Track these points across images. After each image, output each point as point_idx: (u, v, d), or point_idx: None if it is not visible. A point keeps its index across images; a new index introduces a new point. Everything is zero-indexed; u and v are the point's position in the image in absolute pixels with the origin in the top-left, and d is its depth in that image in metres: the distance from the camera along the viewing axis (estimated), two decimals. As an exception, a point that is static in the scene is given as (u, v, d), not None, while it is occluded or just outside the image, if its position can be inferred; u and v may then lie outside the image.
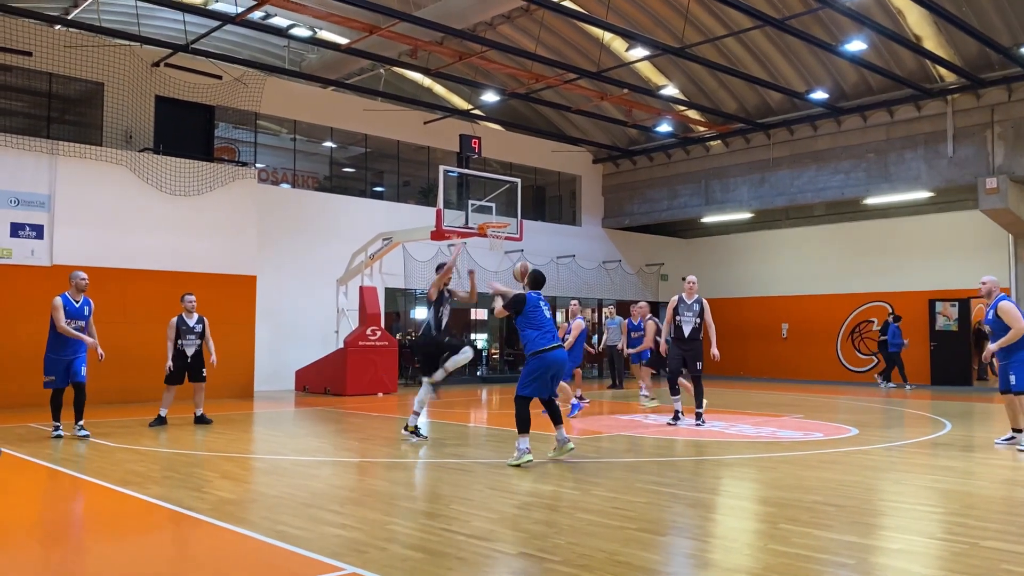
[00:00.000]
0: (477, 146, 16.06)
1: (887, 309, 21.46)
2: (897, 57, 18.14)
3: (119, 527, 5.57)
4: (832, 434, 10.27)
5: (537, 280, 8.20)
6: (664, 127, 21.77)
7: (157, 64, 16.58)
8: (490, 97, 19.78)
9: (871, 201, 20.77)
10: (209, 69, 17.05)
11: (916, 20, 16.72)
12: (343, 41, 18.13)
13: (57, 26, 16.15)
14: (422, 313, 23.52)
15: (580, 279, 23.25)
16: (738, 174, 22.49)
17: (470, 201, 15.76)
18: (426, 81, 22.28)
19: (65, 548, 5.14)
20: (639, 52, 18.58)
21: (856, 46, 16.48)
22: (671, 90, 20.56)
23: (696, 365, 10.86)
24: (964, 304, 20.04)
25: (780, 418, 12.11)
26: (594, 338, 19.61)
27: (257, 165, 18.42)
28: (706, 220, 24.58)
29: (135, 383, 14.18)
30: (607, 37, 18.65)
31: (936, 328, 20.38)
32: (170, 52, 16.19)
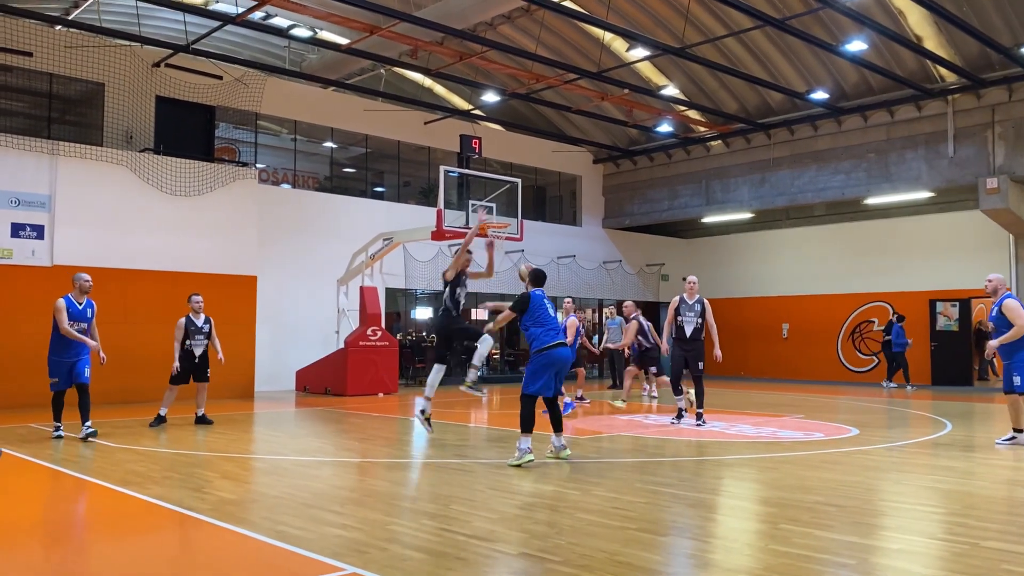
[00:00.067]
0: (477, 146, 16.07)
1: (888, 309, 21.46)
2: (898, 57, 18.14)
3: (119, 527, 5.57)
4: (833, 434, 10.27)
5: (539, 278, 8.24)
6: (664, 127, 21.77)
7: (158, 64, 16.58)
8: (490, 97, 19.78)
9: (872, 201, 20.76)
10: (210, 69, 17.05)
11: (917, 20, 16.72)
12: (343, 41, 18.13)
13: (58, 26, 16.15)
14: (423, 313, 23.54)
15: (580, 279, 23.25)
16: (739, 174, 22.49)
17: (471, 201, 15.77)
18: (426, 81, 22.28)
19: (66, 548, 5.14)
20: (639, 52, 18.59)
21: (857, 46, 16.48)
22: (671, 90, 20.56)
23: (698, 365, 10.87)
24: (965, 304, 20.04)
25: (781, 418, 12.10)
26: (594, 338, 19.61)
27: (258, 165, 18.43)
28: (707, 220, 24.58)
29: (135, 383, 14.20)
30: (607, 37, 18.65)
31: (937, 328, 20.37)
32: (171, 52, 16.20)
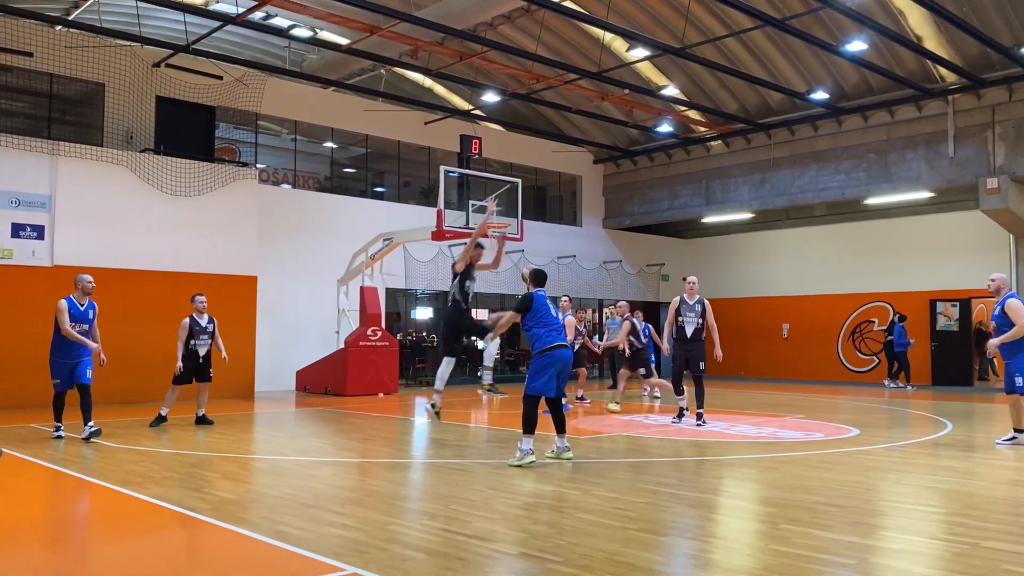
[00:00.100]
0: (478, 146, 16.06)
1: (888, 309, 21.47)
2: (898, 57, 18.14)
3: (120, 527, 5.57)
4: (833, 434, 10.27)
5: (540, 277, 8.23)
6: (665, 127, 21.77)
7: (158, 64, 16.58)
8: (491, 97, 19.77)
9: (872, 201, 20.76)
10: (210, 69, 17.05)
11: (917, 20, 16.72)
12: (344, 41, 18.13)
13: (58, 27, 16.15)
14: (423, 313, 23.55)
15: (581, 279, 23.25)
16: (739, 174, 22.49)
17: (471, 201, 15.76)
18: (427, 81, 22.29)
19: (66, 548, 5.14)
20: (640, 52, 18.59)
21: (857, 46, 16.47)
22: (672, 90, 20.55)
23: (699, 365, 10.88)
24: (965, 304, 20.04)
25: (781, 418, 12.10)
26: (595, 338, 19.61)
27: (258, 165, 18.43)
28: (707, 220, 24.59)
29: (136, 383, 14.21)
30: (608, 37, 18.65)
31: (937, 328, 20.37)
32: (171, 53, 16.20)
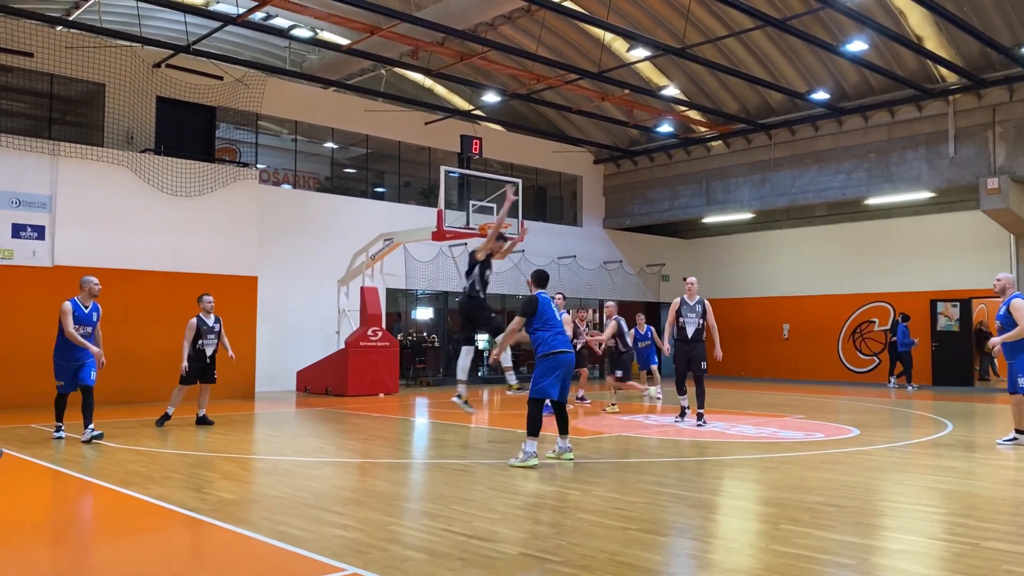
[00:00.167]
0: (478, 147, 16.06)
1: (888, 309, 21.47)
2: (898, 57, 18.14)
3: (120, 528, 5.57)
4: (833, 434, 10.27)
5: (541, 279, 8.21)
6: (665, 127, 21.77)
7: (158, 65, 16.59)
8: (491, 98, 19.77)
9: (872, 201, 20.75)
10: (210, 70, 17.05)
11: (917, 20, 16.72)
12: (344, 42, 18.13)
13: (58, 27, 16.16)
14: (424, 314, 23.53)
15: (581, 280, 23.25)
16: (739, 174, 22.48)
17: (471, 202, 15.77)
18: (427, 82, 22.28)
19: (66, 549, 5.15)
20: (640, 52, 18.58)
21: (857, 46, 16.46)
22: (672, 90, 20.55)
23: (700, 365, 10.92)
24: (965, 304, 20.03)
25: (781, 418, 12.10)
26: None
27: (258, 166, 18.42)
28: (707, 220, 24.58)
29: (136, 383, 14.22)
30: (608, 37, 18.64)
31: (937, 328, 20.36)
32: (171, 53, 16.20)
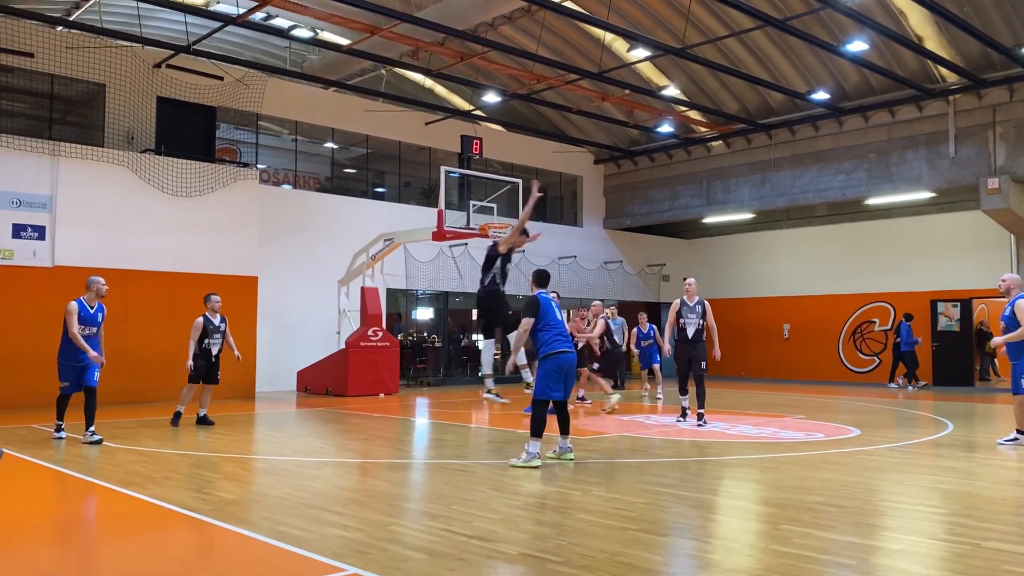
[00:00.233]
0: (478, 147, 16.06)
1: (889, 309, 21.46)
2: (899, 57, 18.13)
3: (120, 528, 5.57)
4: (834, 435, 10.27)
5: (542, 278, 8.18)
6: (665, 127, 21.76)
7: (159, 65, 16.59)
8: (491, 98, 19.77)
9: (873, 201, 20.75)
10: (211, 70, 17.05)
11: (917, 20, 16.71)
12: (344, 42, 18.13)
13: (59, 27, 16.16)
14: (424, 314, 23.55)
15: (582, 280, 23.24)
16: (739, 174, 22.47)
17: (471, 202, 15.76)
18: (427, 82, 22.28)
19: (67, 549, 5.14)
20: (640, 53, 18.58)
21: (857, 46, 16.46)
22: (672, 91, 20.55)
23: (700, 365, 10.94)
24: (966, 304, 20.02)
25: (782, 418, 12.10)
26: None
27: (258, 166, 18.42)
28: (707, 221, 24.57)
29: (136, 384, 14.22)
30: (608, 38, 18.64)
31: (938, 328, 20.36)
32: (172, 53, 16.20)
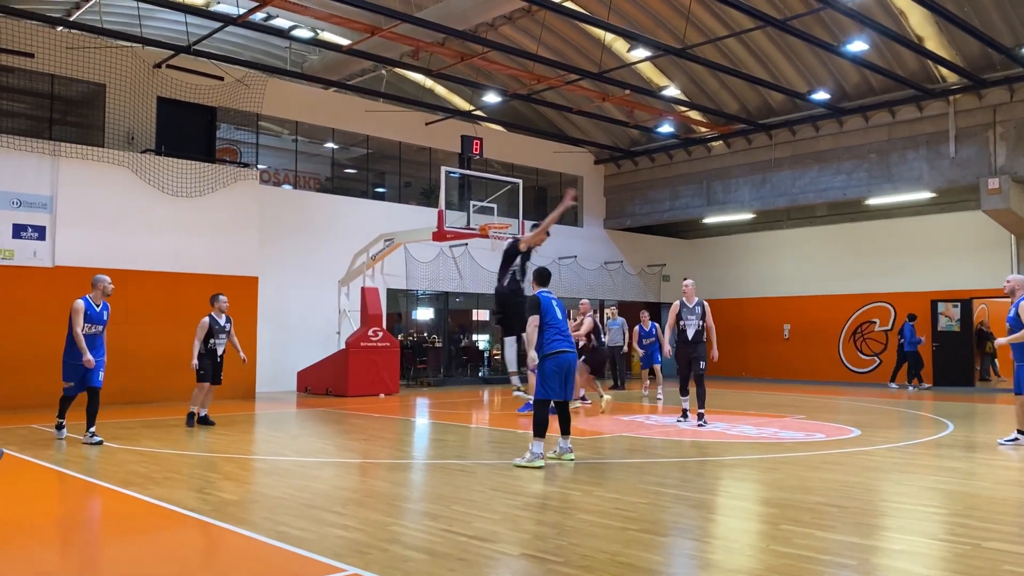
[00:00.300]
0: (479, 147, 16.06)
1: (889, 310, 21.46)
2: (899, 57, 18.13)
3: (121, 528, 5.57)
4: (834, 435, 10.27)
5: (543, 277, 8.17)
6: (666, 128, 21.76)
7: (159, 65, 16.59)
8: (492, 98, 19.77)
9: (873, 201, 20.74)
10: (211, 70, 17.05)
11: (918, 20, 16.71)
12: (345, 42, 18.13)
13: (59, 27, 16.16)
14: (424, 314, 23.56)
15: (582, 280, 23.24)
16: (740, 175, 22.47)
17: (472, 202, 15.77)
18: (427, 82, 22.29)
19: (67, 549, 5.14)
20: (640, 53, 18.57)
21: (858, 46, 16.45)
22: (672, 91, 20.55)
23: (700, 365, 10.96)
24: (966, 304, 20.02)
25: (782, 419, 12.10)
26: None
27: (259, 166, 18.42)
28: (708, 221, 24.57)
29: (136, 384, 14.22)
30: (608, 38, 18.64)
31: (938, 329, 20.36)
32: (172, 53, 16.21)
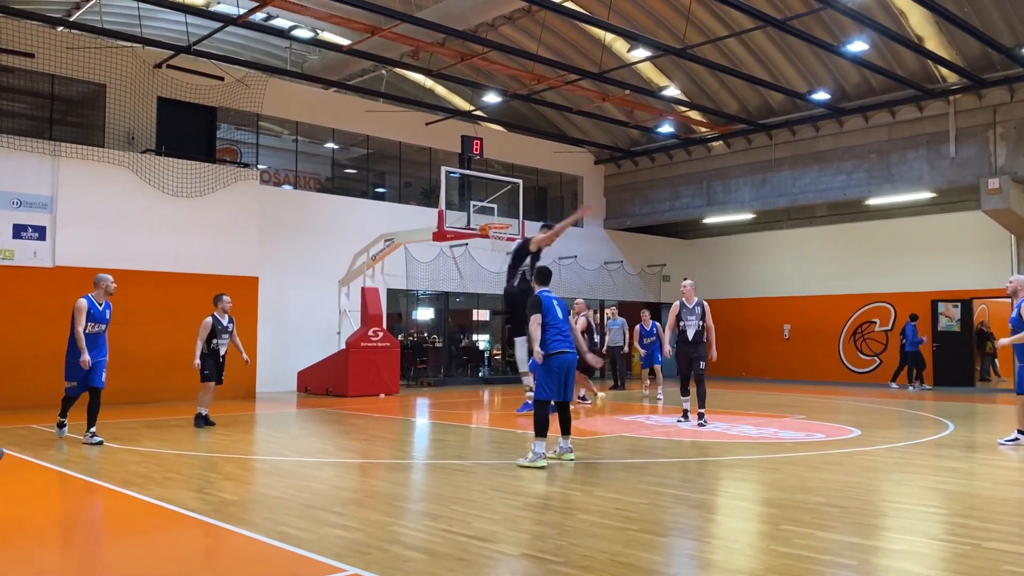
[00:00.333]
0: (479, 147, 16.06)
1: (889, 310, 21.46)
2: (899, 57, 18.13)
3: (121, 528, 5.57)
4: (834, 435, 10.26)
5: (544, 276, 8.15)
6: (666, 128, 21.76)
7: (159, 65, 16.60)
8: (492, 98, 19.77)
9: (873, 202, 20.74)
10: (211, 70, 17.05)
11: (918, 20, 16.71)
12: (345, 42, 18.13)
13: (59, 28, 16.17)
14: (424, 314, 23.57)
15: (582, 280, 23.24)
16: (740, 175, 22.47)
17: (472, 202, 15.77)
18: (428, 82, 22.29)
19: (67, 549, 5.15)
20: (641, 53, 18.57)
21: (858, 46, 16.45)
22: (673, 91, 20.55)
23: (700, 365, 10.97)
24: (966, 305, 20.02)
25: (782, 419, 12.10)
26: (596, 338, 19.62)
27: (259, 166, 18.43)
28: (708, 221, 24.56)
29: (136, 384, 14.22)
30: (608, 38, 18.64)
31: (939, 329, 20.36)
32: (172, 53, 16.21)
